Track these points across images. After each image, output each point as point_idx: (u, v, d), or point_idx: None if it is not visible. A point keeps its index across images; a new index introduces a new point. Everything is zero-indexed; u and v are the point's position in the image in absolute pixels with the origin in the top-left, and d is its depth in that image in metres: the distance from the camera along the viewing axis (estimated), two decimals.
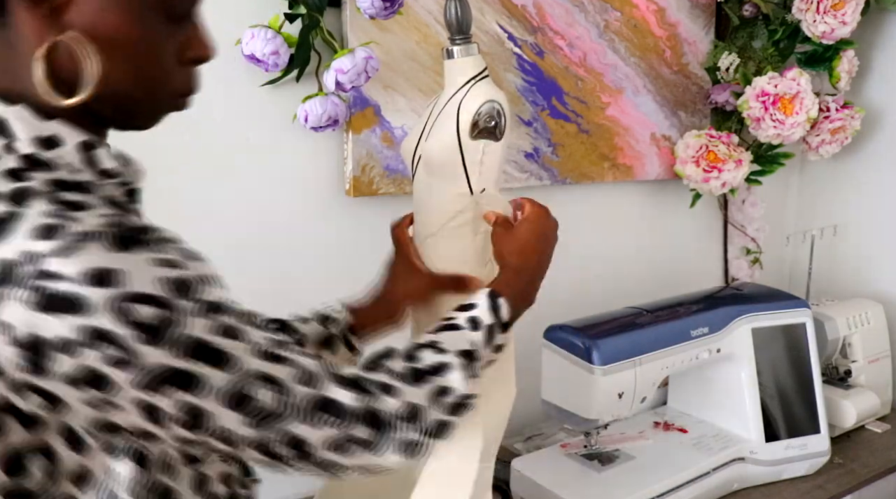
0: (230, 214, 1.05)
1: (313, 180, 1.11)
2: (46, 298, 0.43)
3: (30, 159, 0.49)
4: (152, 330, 0.45)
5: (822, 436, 1.22)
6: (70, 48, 0.49)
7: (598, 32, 1.35)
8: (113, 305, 0.44)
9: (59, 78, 0.49)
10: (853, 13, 1.37)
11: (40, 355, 0.44)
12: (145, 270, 0.46)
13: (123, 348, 0.45)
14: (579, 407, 1.08)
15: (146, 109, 0.55)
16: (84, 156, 0.51)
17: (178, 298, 0.47)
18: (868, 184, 1.61)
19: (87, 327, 0.44)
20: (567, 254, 1.43)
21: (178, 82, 0.55)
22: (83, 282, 0.44)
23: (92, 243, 0.45)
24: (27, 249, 0.44)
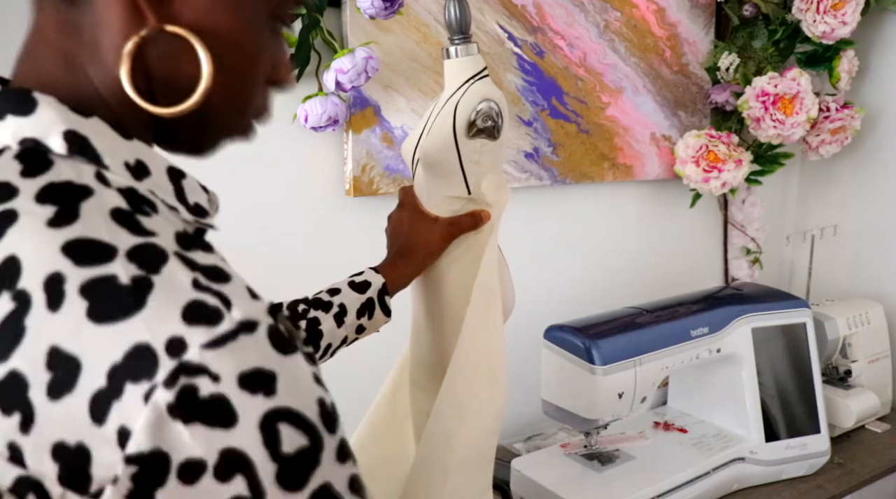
0: (230, 214, 1.04)
1: (313, 180, 1.11)
2: (191, 402, 0.32)
3: (132, 196, 0.38)
4: (296, 467, 0.35)
5: (822, 436, 1.22)
6: (166, 46, 0.40)
7: (598, 32, 1.35)
8: (266, 421, 0.34)
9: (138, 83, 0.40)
10: (853, 13, 1.37)
11: (155, 481, 0.32)
12: (302, 383, 0.36)
13: (257, 489, 0.33)
14: (579, 407, 1.08)
15: (224, 131, 0.47)
16: (175, 187, 0.41)
17: (326, 430, 0.36)
18: (868, 184, 1.61)
19: (227, 450, 0.33)
20: (567, 254, 1.44)
21: (260, 104, 0.48)
22: (238, 384, 0.33)
23: (252, 337, 0.34)
24: (174, 332, 0.33)
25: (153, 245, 0.36)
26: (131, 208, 0.37)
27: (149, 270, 0.34)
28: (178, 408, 0.32)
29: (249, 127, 0.49)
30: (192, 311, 0.34)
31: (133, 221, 0.36)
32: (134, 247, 0.35)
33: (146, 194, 0.39)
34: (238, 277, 0.38)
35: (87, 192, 0.37)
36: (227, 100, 0.44)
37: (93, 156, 0.38)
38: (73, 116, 0.39)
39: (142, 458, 0.32)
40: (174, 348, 0.33)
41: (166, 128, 0.44)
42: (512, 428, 1.33)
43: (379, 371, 0.94)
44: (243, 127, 0.48)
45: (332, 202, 1.13)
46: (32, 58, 0.41)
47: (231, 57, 0.42)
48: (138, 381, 0.32)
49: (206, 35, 0.41)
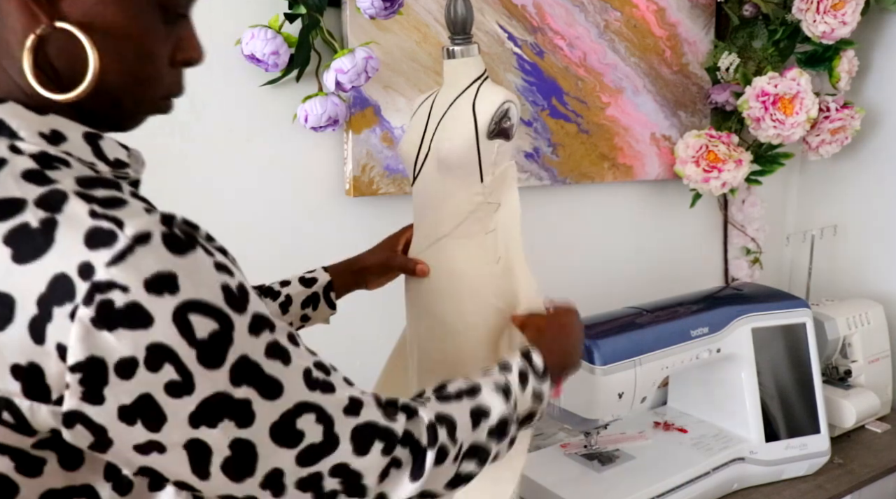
0: (230, 214, 1.05)
1: (313, 180, 1.11)
2: (111, 313, 0.39)
3: (43, 158, 0.44)
4: (212, 348, 0.42)
5: (822, 436, 1.22)
6: (62, 40, 0.46)
7: (598, 32, 1.35)
8: (176, 315, 0.41)
9: (46, 72, 0.47)
10: (853, 13, 1.37)
11: (99, 380, 0.40)
12: (203, 275, 0.43)
13: (184, 371, 0.41)
14: (579, 407, 1.08)
15: (135, 109, 0.52)
16: (93, 148, 0.48)
17: (234, 311, 0.43)
18: (868, 184, 1.61)
19: (151, 345, 0.40)
20: (567, 254, 1.44)
21: (168, 83, 0.53)
22: (145, 290, 0.40)
23: (147, 246, 0.41)
24: (82, 259, 0.40)
25: (55, 190, 0.42)
26: (40, 166, 0.44)
27: (53, 211, 0.41)
28: (100, 320, 0.39)
29: (163, 104, 0.54)
30: (92, 237, 0.40)
31: (41, 176, 0.43)
32: (40, 195, 0.42)
33: (58, 155, 0.45)
34: (135, 201, 0.44)
35: (2, 162, 0.44)
36: (128, 82, 0.49)
37: (8, 132, 0.45)
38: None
39: (81, 365, 0.40)
40: (85, 272, 0.40)
41: (85, 110, 0.49)
42: None
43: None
44: (157, 104, 0.53)
45: (332, 202, 1.13)
46: None
47: (121, 45, 0.48)
48: (62, 304, 0.40)
49: (95, 29, 0.46)
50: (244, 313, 0.44)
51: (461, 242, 0.82)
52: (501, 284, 0.83)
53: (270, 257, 1.09)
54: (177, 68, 0.53)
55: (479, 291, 0.82)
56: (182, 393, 0.42)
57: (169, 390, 0.41)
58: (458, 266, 0.82)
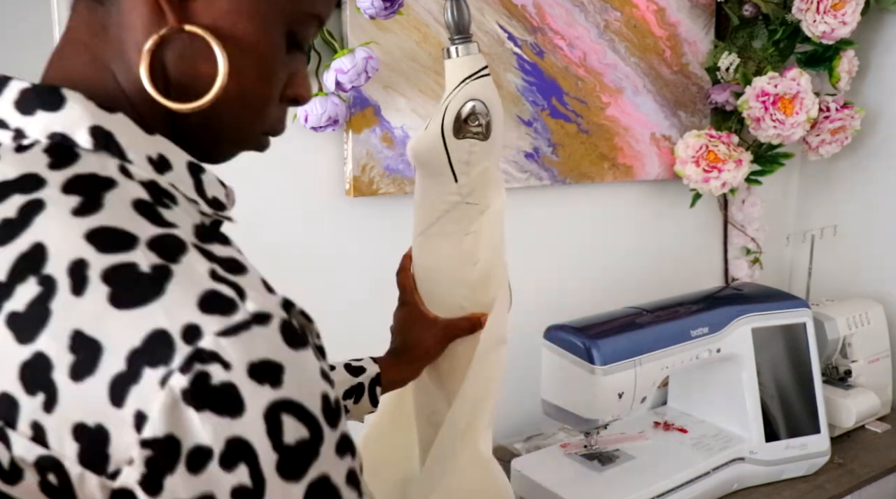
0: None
1: (313, 180, 1.11)
2: (205, 389, 0.34)
3: (154, 189, 0.39)
4: (296, 458, 0.36)
5: (822, 436, 1.22)
6: (183, 45, 0.42)
7: (598, 32, 1.35)
8: (269, 411, 0.35)
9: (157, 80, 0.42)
10: (853, 13, 1.37)
11: (166, 466, 0.34)
12: (308, 377, 0.37)
13: (258, 476, 0.35)
14: (579, 407, 1.08)
15: (237, 137, 0.48)
16: (195, 181, 0.43)
17: (327, 424, 0.37)
18: (868, 184, 1.61)
19: (232, 438, 0.34)
20: (567, 254, 1.44)
21: (273, 118, 0.49)
22: (247, 373, 0.34)
23: (264, 328, 0.36)
24: (191, 321, 0.34)
25: (173, 236, 0.37)
26: (153, 200, 0.38)
27: (168, 260, 0.36)
28: (192, 394, 0.33)
29: (263, 140, 0.50)
30: (208, 300, 0.35)
31: (154, 212, 0.38)
32: (155, 237, 0.36)
33: (167, 187, 0.40)
34: (254, 270, 0.39)
35: (111, 183, 0.38)
36: (241, 105, 0.45)
37: (117, 150, 0.40)
38: (99, 112, 0.40)
39: (156, 442, 0.33)
40: (190, 335, 0.34)
41: (183, 132, 0.45)
42: (512, 428, 1.33)
43: None
44: (256, 139, 0.49)
45: (332, 202, 1.13)
46: (63, 57, 0.43)
47: (245, 61, 0.43)
48: (156, 366, 0.33)
49: (224, 37, 0.42)
50: (335, 430, 0.38)
51: (437, 240, 0.81)
52: (476, 289, 0.81)
53: (270, 257, 1.09)
54: (283, 104, 0.49)
55: (450, 293, 0.81)
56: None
57: (235, 496, 0.35)
58: (430, 264, 0.82)
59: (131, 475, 0.34)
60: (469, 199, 0.80)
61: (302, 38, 0.47)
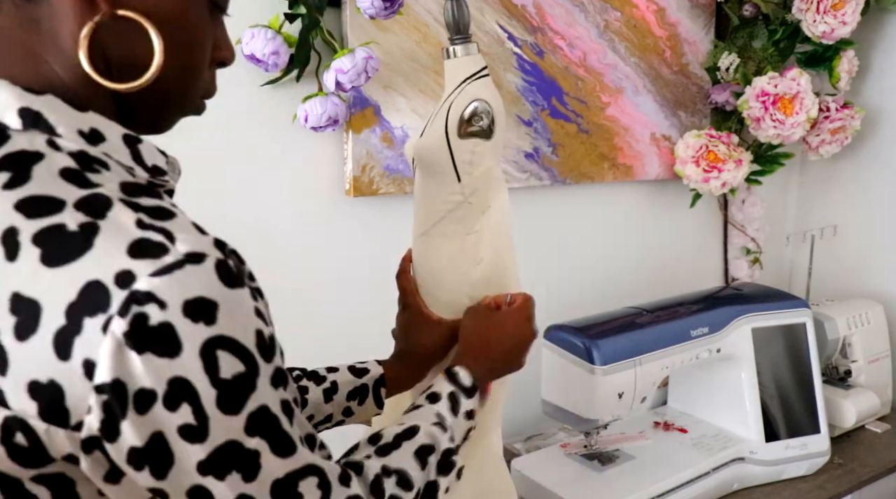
0: (230, 215, 1.05)
1: (313, 180, 1.11)
2: (143, 330, 0.36)
3: (83, 157, 0.42)
4: (234, 391, 0.39)
5: (822, 436, 1.22)
6: (119, 29, 0.43)
7: (598, 32, 1.35)
8: (205, 348, 0.38)
9: (98, 63, 0.44)
10: (853, 13, 1.37)
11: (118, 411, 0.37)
12: (243, 314, 0.40)
13: (201, 415, 0.38)
14: (579, 407, 1.08)
15: (178, 106, 0.50)
16: (131, 151, 0.45)
17: (262, 358, 0.41)
18: (868, 184, 1.61)
19: (173, 379, 0.37)
20: (567, 254, 1.44)
21: (206, 82, 0.52)
22: (182, 312, 0.37)
23: (198, 267, 0.38)
24: (122, 266, 0.37)
25: (98, 194, 0.39)
26: (80, 167, 0.41)
27: (95, 216, 0.38)
28: (132, 336, 0.36)
29: (200, 104, 0.53)
30: (137, 247, 0.37)
31: (82, 178, 0.40)
32: (81, 198, 0.39)
33: (98, 156, 0.43)
34: (184, 215, 0.42)
35: (39, 156, 0.41)
36: (179, 77, 0.48)
37: (46, 126, 0.42)
38: (26, 95, 0.43)
39: (107, 387, 0.36)
40: (123, 280, 0.36)
41: (127, 107, 0.47)
42: (512, 428, 1.33)
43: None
44: (194, 104, 0.52)
45: (332, 202, 1.13)
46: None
47: (177, 36, 0.46)
48: (94, 314, 0.36)
49: (154, 17, 0.44)
50: (270, 363, 0.41)
51: (439, 240, 0.81)
52: (480, 290, 0.81)
53: (270, 257, 1.09)
54: (212, 68, 0.53)
55: (452, 292, 0.81)
56: (195, 439, 0.38)
57: (183, 434, 0.38)
58: (433, 264, 0.82)
59: (93, 423, 0.37)
60: (471, 199, 0.80)
61: (222, 2, 0.51)
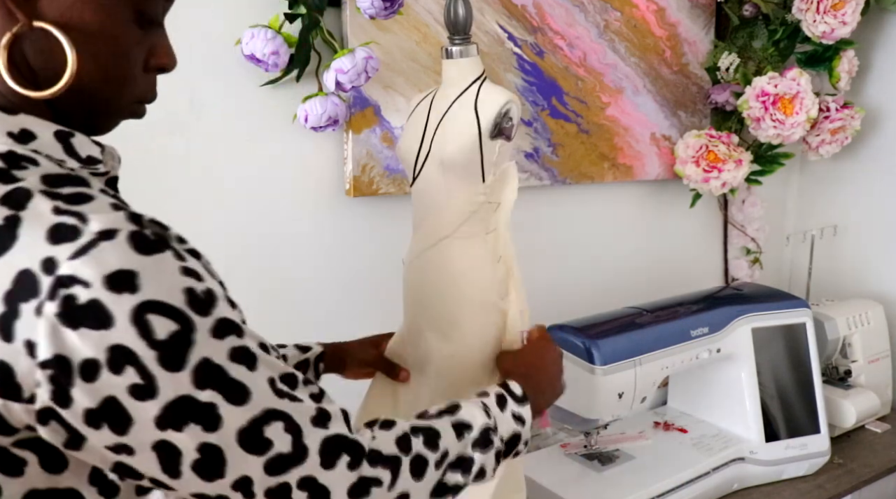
0: (230, 214, 1.05)
1: (313, 180, 1.11)
2: (72, 309, 0.40)
3: (10, 157, 0.45)
4: (172, 350, 0.42)
5: (822, 436, 1.22)
6: (39, 39, 0.46)
7: (598, 32, 1.35)
8: (135, 315, 0.41)
9: (22, 71, 0.47)
10: (853, 13, 1.37)
11: (66, 381, 0.40)
12: (167, 277, 0.43)
13: (145, 373, 0.41)
14: (579, 407, 1.08)
15: (109, 111, 0.53)
16: (64, 145, 0.48)
17: (196, 314, 0.43)
18: (868, 184, 1.61)
19: (112, 346, 0.40)
20: (567, 254, 1.44)
21: (142, 88, 0.54)
22: (105, 287, 0.40)
23: (111, 242, 0.41)
24: (45, 254, 0.40)
25: (19, 188, 0.43)
26: (7, 166, 0.44)
27: (17, 208, 0.42)
28: (64, 315, 0.40)
29: (137, 108, 0.55)
30: (55, 232, 0.41)
31: (7, 175, 0.44)
32: (5, 193, 0.43)
33: (26, 154, 0.46)
34: (102, 197, 0.45)
35: None
36: (102, 84, 0.50)
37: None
38: None
39: (49, 363, 0.40)
40: (48, 267, 0.40)
41: (61, 112, 0.50)
42: None
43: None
44: (130, 108, 0.54)
45: (332, 202, 1.13)
46: None
47: (96, 46, 0.48)
48: (28, 300, 0.40)
49: (71, 29, 0.47)
50: (207, 316, 0.44)
51: (463, 242, 0.81)
52: (502, 285, 0.83)
53: (270, 257, 1.09)
54: (150, 74, 0.54)
55: (483, 292, 0.82)
56: (145, 396, 0.42)
57: (133, 393, 0.41)
58: (460, 267, 0.82)
59: (44, 395, 0.41)
60: (491, 197, 0.81)
61: (153, 15, 0.52)
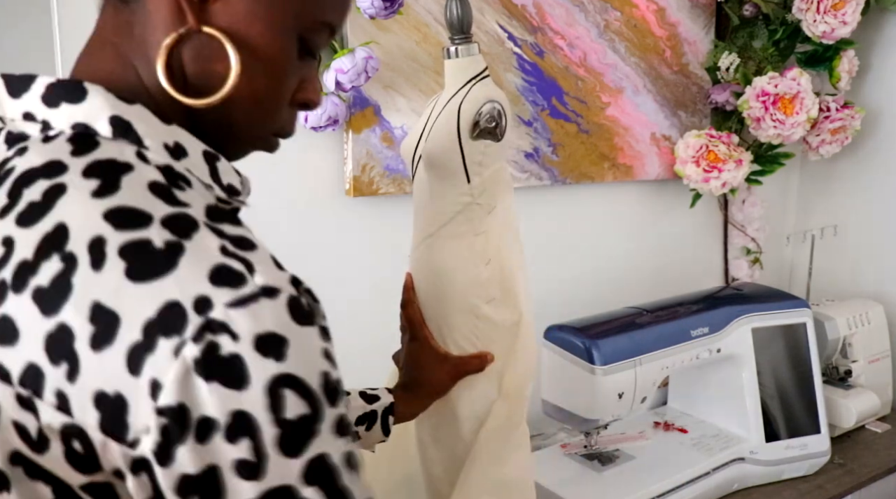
0: None
1: (313, 180, 1.11)
2: (212, 359, 0.35)
3: (169, 172, 0.42)
4: (296, 433, 0.37)
5: (822, 436, 1.22)
6: (200, 45, 0.44)
7: (598, 32, 1.35)
8: (272, 385, 0.36)
9: (175, 77, 0.44)
10: (853, 13, 1.37)
11: (176, 436, 0.36)
12: (311, 355, 0.39)
13: (260, 452, 0.37)
14: (579, 407, 1.08)
15: (247, 136, 0.50)
16: (210, 168, 0.45)
17: (327, 401, 0.39)
18: (868, 184, 1.61)
19: (237, 411, 0.36)
20: (567, 254, 1.44)
21: (283, 120, 0.51)
22: (253, 345, 0.36)
23: (272, 302, 0.38)
24: (202, 292, 0.36)
25: (186, 215, 0.39)
26: (167, 183, 0.41)
27: (181, 236, 0.38)
28: (202, 363, 0.35)
29: (272, 140, 0.52)
30: (218, 273, 0.37)
31: (168, 193, 0.40)
32: (168, 215, 0.39)
33: (182, 172, 0.43)
34: (264, 248, 0.42)
35: (129, 167, 0.41)
36: (252, 105, 0.47)
37: (135, 137, 0.42)
38: (118, 103, 0.43)
39: (170, 410, 0.35)
40: (201, 306, 0.36)
41: (198, 127, 0.47)
42: None
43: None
44: (266, 139, 0.51)
45: (332, 202, 1.13)
46: (90, 54, 0.47)
47: (257, 64, 0.45)
48: (169, 336, 0.36)
49: (238, 40, 0.44)
50: (335, 408, 0.40)
51: (448, 242, 0.81)
52: (490, 289, 0.81)
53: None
54: (293, 108, 0.52)
55: (464, 293, 0.81)
56: (250, 476, 0.37)
57: (238, 469, 0.37)
58: (443, 266, 0.81)
59: (147, 444, 0.36)
60: (480, 199, 0.80)
61: (313, 45, 0.50)
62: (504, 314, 0.82)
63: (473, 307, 0.81)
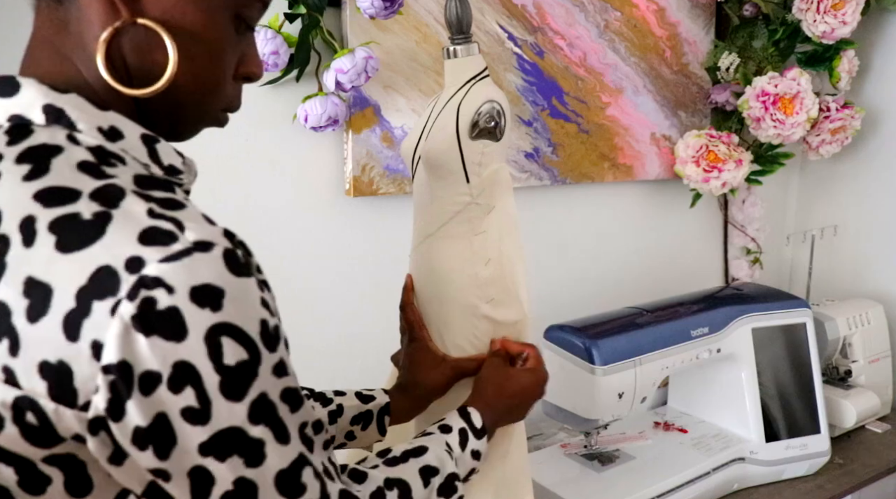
0: (230, 214, 1.04)
1: (313, 180, 1.11)
2: (149, 313, 0.37)
3: (100, 152, 0.43)
4: (237, 378, 0.40)
5: (822, 436, 1.22)
6: (138, 37, 0.45)
7: (598, 32, 1.35)
8: (210, 333, 0.39)
9: (117, 68, 0.46)
10: (853, 13, 1.37)
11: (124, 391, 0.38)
12: (248, 304, 0.41)
13: (204, 398, 0.39)
14: (579, 407, 1.08)
15: (195, 116, 0.52)
16: (149, 150, 0.47)
17: (265, 347, 0.42)
18: (868, 184, 1.61)
19: (178, 362, 0.38)
20: (567, 254, 1.44)
21: (229, 96, 0.53)
22: (189, 297, 0.38)
23: (206, 255, 0.39)
24: (132, 253, 0.38)
25: (112, 184, 0.41)
26: (97, 160, 0.43)
27: (108, 206, 0.40)
28: (140, 319, 0.37)
29: (221, 116, 0.54)
30: (147, 234, 0.39)
31: (97, 170, 0.42)
32: (96, 188, 0.41)
33: (115, 151, 0.45)
34: (194, 206, 0.43)
35: (59, 150, 0.43)
36: (196, 87, 0.49)
37: (67, 122, 0.44)
38: (51, 93, 0.45)
39: (114, 367, 0.37)
40: (133, 266, 0.38)
41: (147, 113, 0.49)
42: None
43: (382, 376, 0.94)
44: (214, 116, 0.53)
45: (332, 202, 1.13)
46: (30, 54, 0.48)
47: (196, 48, 0.47)
48: (104, 298, 0.37)
49: (173, 27, 0.46)
50: (273, 353, 0.42)
51: (447, 242, 0.81)
52: (489, 289, 0.81)
53: (270, 258, 1.09)
54: (237, 82, 0.53)
55: (463, 293, 0.80)
56: (197, 421, 0.39)
57: (185, 416, 0.39)
58: (442, 266, 0.81)
59: (99, 403, 0.38)
60: (479, 200, 0.80)
61: (248, 19, 0.51)
62: (504, 314, 0.82)
63: (473, 307, 0.80)
